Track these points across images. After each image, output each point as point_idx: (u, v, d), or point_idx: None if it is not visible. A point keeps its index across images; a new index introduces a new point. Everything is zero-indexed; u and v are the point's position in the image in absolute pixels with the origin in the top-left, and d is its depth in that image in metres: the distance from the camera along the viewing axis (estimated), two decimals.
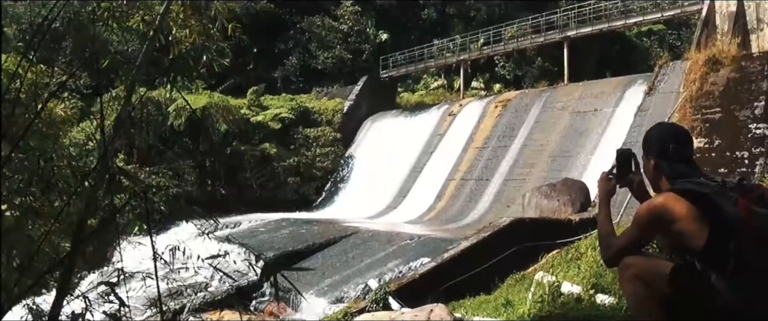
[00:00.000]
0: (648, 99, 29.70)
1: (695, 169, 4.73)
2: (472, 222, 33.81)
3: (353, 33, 63.93)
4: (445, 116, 47.09)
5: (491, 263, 19.72)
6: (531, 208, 26.34)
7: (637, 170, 5.21)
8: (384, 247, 27.56)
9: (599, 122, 34.84)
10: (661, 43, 64.09)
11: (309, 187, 49.28)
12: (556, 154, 35.59)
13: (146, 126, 41.52)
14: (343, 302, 22.06)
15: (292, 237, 32.18)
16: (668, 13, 43.49)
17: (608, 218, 5.14)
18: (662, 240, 4.88)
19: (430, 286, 19.10)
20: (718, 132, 25.63)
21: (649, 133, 4.98)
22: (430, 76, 67.38)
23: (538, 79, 53.98)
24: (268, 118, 48.78)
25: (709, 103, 26.59)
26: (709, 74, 27.29)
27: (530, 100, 41.88)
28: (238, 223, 37.39)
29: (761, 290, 4.05)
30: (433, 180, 41.73)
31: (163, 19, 6.44)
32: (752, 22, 30.59)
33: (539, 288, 12.75)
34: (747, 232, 4.06)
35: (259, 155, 47.35)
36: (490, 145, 40.73)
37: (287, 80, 63.86)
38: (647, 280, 4.55)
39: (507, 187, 36.26)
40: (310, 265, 27.45)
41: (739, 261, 4.07)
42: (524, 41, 50.34)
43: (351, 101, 53.23)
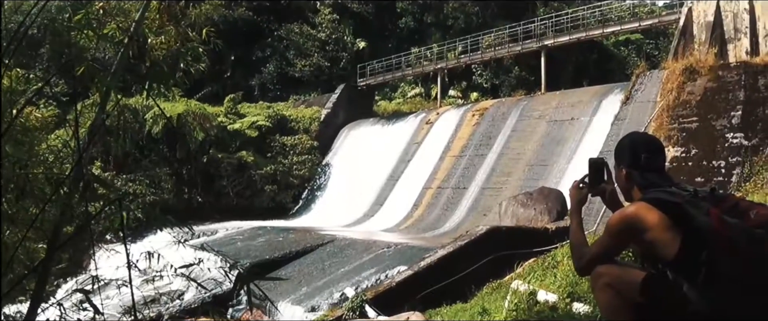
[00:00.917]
0: (625, 108, 29.78)
1: (667, 179, 4.72)
2: (449, 230, 33.84)
3: (331, 41, 63.91)
4: (422, 124, 47.13)
5: (468, 271, 19.78)
6: (507, 217, 26.38)
7: (609, 179, 5.20)
8: (360, 256, 27.54)
9: (576, 131, 34.91)
10: (638, 53, 64.45)
11: (286, 195, 49.19)
12: (532, 162, 35.65)
13: (123, 133, 41.38)
14: (319, 310, 22.06)
15: (269, 245, 32.14)
16: (646, 23, 43.73)
17: (580, 227, 5.13)
18: (634, 248, 4.90)
19: (407, 294, 19.15)
20: (694, 141, 25.75)
21: (621, 143, 4.99)
22: (408, 84, 67.49)
23: (515, 88, 54.15)
24: (245, 125, 48.70)
25: (686, 112, 26.70)
26: (686, 84, 27.40)
27: (507, 109, 41.92)
28: (215, 231, 37.33)
29: (733, 300, 4.05)
30: (410, 188, 41.74)
31: (138, 26, 6.42)
32: (730, 31, 30.74)
33: (515, 296, 12.78)
34: (719, 241, 4.07)
35: (235, 163, 47.27)
36: (467, 153, 40.77)
37: (264, 88, 63.77)
38: (619, 288, 4.56)
39: (484, 195, 36.30)
40: (287, 273, 27.43)
41: (711, 270, 4.08)
42: (501, 50, 50.35)
43: (328, 109, 53.20)
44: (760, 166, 23.19)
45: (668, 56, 32.50)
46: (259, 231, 36.47)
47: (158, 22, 8.05)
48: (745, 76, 26.08)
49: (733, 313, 4.07)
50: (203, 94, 53.81)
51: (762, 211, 4.24)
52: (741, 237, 4.05)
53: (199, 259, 6.62)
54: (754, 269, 4.04)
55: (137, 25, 6.50)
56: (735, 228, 4.08)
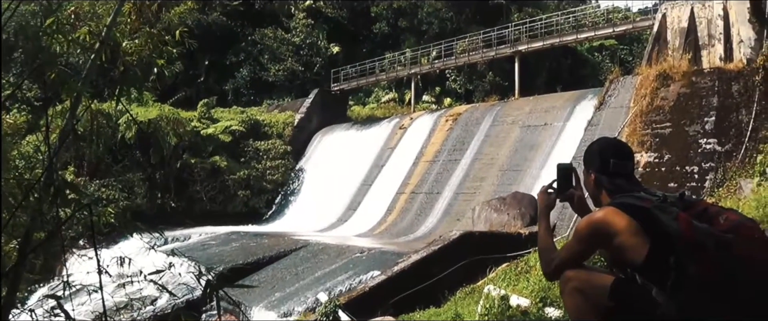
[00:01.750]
0: (598, 113, 29.86)
1: (636, 184, 4.73)
2: (423, 235, 33.82)
3: (305, 45, 63.87)
4: (396, 129, 47.10)
5: (441, 276, 19.80)
6: (481, 222, 26.43)
7: (577, 185, 5.21)
8: (334, 261, 27.52)
9: (549, 136, 34.98)
10: (612, 58, 64.63)
11: (259, 200, 49.07)
12: (506, 167, 35.70)
13: (96, 138, 41.21)
14: (292, 315, 22.05)
15: (242, 250, 32.07)
16: (620, 29, 43.93)
17: (548, 232, 5.12)
18: (603, 253, 4.90)
19: (380, 299, 19.15)
20: (668, 147, 25.85)
21: (590, 148, 4.99)
22: (381, 89, 67.47)
23: (488, 93, 54.27)
24: (219, 130, 48.56)
25: (660, 117, 26.80)
26: (660, 89, 27.50)
27: (481, 114, 41.98)
28: (188, 237, 37.21)
29: (701, 304, 4.06)
30: (383, 193, 41.71)
31: (110, 30, 6.39)
32: (703, 38, 30.86)
33: (488, 301, 12.80)
34: (687, 246, 4.07)
35: (209, 168, 47.13)
36: (440, 158, 40.79)
37: (238, 93, 63.66)
38: (588, 293, 4.56)
39: (457, 200, 36.31)
40: (260, 278, 27.42)
41: (680, 275, 4.08)
42: (475, 55, 50.47)
43: (302, 114, 53.11)
44: (734, 172, 23.29)
45: (642, 62, 32.61)
46: (232, 236, 36.39)
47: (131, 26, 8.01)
48: (719, 82, 26.21)
49: (701, 318, 4.08)
50: (177, 98, 53.63)
51: (731, 216, 4.26)
52: (710, 241, 4.06)
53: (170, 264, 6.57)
54: (723, 274, 4.05)
55: (109, 29, 6.46)
56: (704, 233, 4.09)
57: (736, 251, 4.07)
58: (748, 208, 15.16)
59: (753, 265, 4.09)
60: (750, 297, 4.09)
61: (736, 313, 4.08)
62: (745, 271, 4.07)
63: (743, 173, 22.70)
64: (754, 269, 4.09)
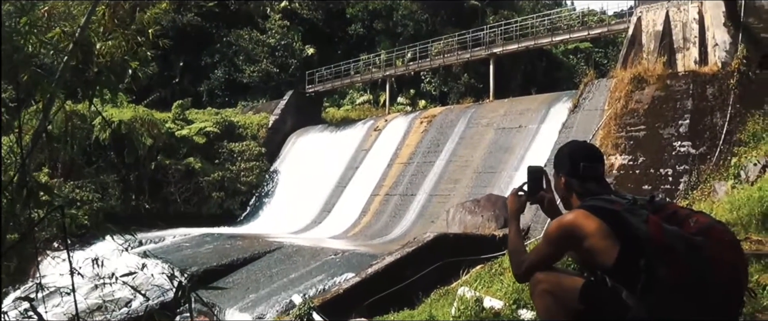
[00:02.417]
0: (572, 116, 29.93)
1: (606, 187, 4.75)
2: (397, 237, 33.83)
3: (280, 47, 63.78)
4: (371, 131, 47.13)
5: (415, 278, 19.77)
6: (455, 224, 26.43)
7: (548, 187, 5.22)
8: (308, 263, 27.48)
9: (524, 139, 35.05)
10: (587, 61, 64.69)
11: (233, 202, 48.99)
12: (480, 170, 35.74)
13: (71, 139, 41.03)
14: (266, 317, 22.00)
15: (216, 252, 31.99)
16: (595, 32, 44.08)
17: (518, 234, 5.14)
18: (574, 256, 4.92)
19: (354, 301, 19.13)
20: (642, 149, 25.94)
21: (561, 151, 5.00)
22: (356, 91, 67.56)
23: (463, 95, 54.39)
24: (193, 132, 48.45)
25: (634, 120, 26.88)
26: (635, 92, 27.60)
27: (455, 116, 42.05)
28: (162, 238, 37.05)
29: (671, 307, 4.08)
30: (357, 195, 41.72)
31: (83, 31, 6.36)
32: (678, 41, 30.95)
33: (462, 303, 12.81)
34: (657, 249, 4.08)
35: (183, 169, 47.04)
36: (415, 160, 40.82)
37: (213, 94, 63.55)
38: (558, 295, 4.57)
39: (431, 202, 36.35)
40: (234, 280, 27.36)
41: (650, 278, 4.09)
42: (450, 57, 50.55)
43: (276, 116, 53.06)
44: (708, 175, 23.40)
45: (617, 65, 32.68)
46: (206, 238, 36.28)
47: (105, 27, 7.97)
48: (694, 85, 26.31)
49: (671, 320, 4.10)
50: (151, 99, 53.52)
51: (701, 218, 4.28)
52: (679, 244, 4.08)
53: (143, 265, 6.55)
54: (693, 276, 4.07)
55: (83, 30, 6.43)
56: (673, 235, 4.11)
57: (706, 254, 4.09)
58: (722, 211, 15.23)
59: (722, 267, 4.12)
60: (719, 299, 4.12)
61: (705, 315, 4.11)
62: (715, 273, 4.10)
63: (717, 176, 22.82)
64: (723, 271, 4.12)
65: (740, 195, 16.88)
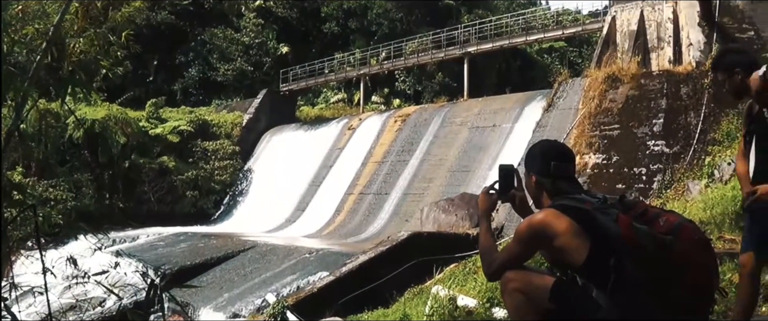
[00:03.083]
0: (547, 115, 29.96)
1: (577, 186, 4.76)
2: (371, 236, 33.82)
3: (254, 45, 63.70)
4: (345, 130, 47.10)
5: (389, 277, 19.78)
6: (429, 223, 26.47)
7: (519, 186, 5.22)
8: (282, 261, 27.45)
9: (498, 138, 35.09)
10: (561, 60, 64.89)
11: (207, 201, 48.88)
12: (454, 169, 35.77)
13: (44, 138, 40.88)
14: (241, 316, 21.99)
15: (191, 251, 31.93)
16: (569, 31, 44.13)
17: (489, 233, 5.13)
18: (544, 255, 4.93)
19: (329, 300, 19.13)
20: (616, 148, 26.00)
21: (532, 150, 5.02)
22: (331, 89, 67.43)
23: (438, 94, 54.49)
24: (167, 130, 48.31)
25: (608, 119, 26.95)
26: (609, 91, 27.66)
27: (429, 115, 42.06)
28: (136, 237, 36.96)
29: (641, 305, 4.10)
30: (332, 194, 41.69)
31: (57, 30, 6.33)
32: (653, 40, 31.02)
33: (435, 301, 12.82)
34: (627, 248, 4.11)
35: (157, 168, 46.90)
36: (389, 159, 40.82)
37: (187, 93, 63.40)
38: (529, 294, 4.58)
39: (405, 201, 36.36)
40: (208, 279, 27.32)
41: (620, 276, 4.11)
42: (425, 56, 50.54)
43: (250, 114, 52.93)
44: (681, 174, 23.47)
45: (591, 64, 32.72)
46: (180, 237, 36.21)
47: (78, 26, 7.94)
48: (668, 84, 26.38)
49: (641, 319, 4.12)
50: (125, 98, 53.19)
51: (671, 217, 4.31)
52: (649, 243, 4.10)
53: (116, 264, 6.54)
54: (663, 275, 4.09)
55: (56, 28, 6.42)
56: (644, 234, 4.13)
57: (676, 253, 4.12)
58: (695, 210, 15.31)
59: (692, 266, 4.15)
60: (689, 298, 4.15)
61: (675, 314, 4.13)
62: (685, 272, 4.12)
63: (691, 175, 22.90)
64: (693, 271, 4.15)
65: (714, 194, 16.98)
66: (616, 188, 24.36)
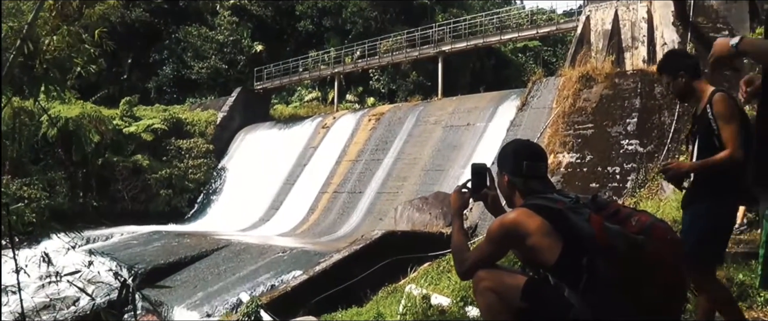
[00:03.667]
0: (521, 114, 30.02)
1: (549, 186, 4.79)
2: (345, 234, 33.80)
3: (229, 43, 63.55)
4: (319, 129, 47.07)
5: (363, 276, 19.80)
6: (403, 221, 26.47)
7: (491, 185, 5.24)
8: (256, 260, 27.42)
9: (472, 137, 35.14)
10: (536, 60, 65.14)
11: (181, 200, 48.75)
12: (428, 167, 35.80)
13: (18, 136, 40.69)
14: (214, 315, 21.96)
15: (164, 250, 31.82)
16: (544, 30, 44.19)
17: (461, 232, 5.16)
18: (517, 254, 4.94)
19: (302, 298, 19.14)
20: (590, 147, 26.07)
21: (504, 150, 5.03)
22: (305, 88, 67.43)
23: (412, 93, 54.60)
24: (141, 129, 48.15)
25: (582, 119, 27.02)
26: (583, 90, 27.74)
27: (404, 114, 42.10)
28: (110, 236, 36.80)
29: (613, 305, 4.11)
30: (306, 192, 41.67)
31: (31, 28, 6.32)
32: (627, 40, 31.12)
33: (409, 300, 12.84)
34: (599, 247, 4.12)
35: (131, 167, 46.71)
36: (363, 158, 40.83)
37: (161, 90, 63.37)
38: (501, 292, 4.59)
39: (380, 200, 36.37)
40: (182, 278, 27.27)
41: (592, 276, 4.12)
42: (399, 55, 50.54)
43: (224, 113, 52.80)
44: (655, 173, 23.51)
45: (565, 63, 32.80)
46: (154, 236, 36.09)
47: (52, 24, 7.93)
48: (642, 83, 26.47)
49: (613, 318, 4.14)
50: (99, 96, 53.11)
51: (643, 217, 4.32)
52: (621, 243, 4.12)
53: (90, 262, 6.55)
54: (634, 275, 4.11)
55: (30, 26, 6.41)
56: (615, 234, 4.14)
57: (648, 252, 4.13)
58: (669, 209, 15.38)
59: (664, 266, 4.16)
60: (661, 298, 4.16)
61: (647, 313, 4.15)
62: (656, 272, 4.14)
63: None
64: (665, 270, 4.16)
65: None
66: (590, 187, 24.43)
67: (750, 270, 9.44)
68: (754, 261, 5.69)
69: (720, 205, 6.29)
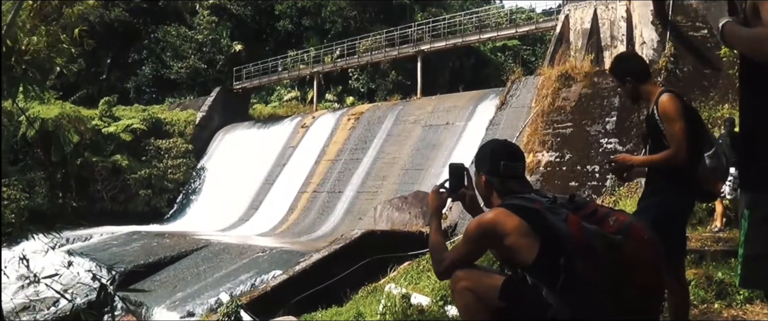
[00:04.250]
0: (500, 113, 30.07)
1: (527, 186, 4.78)
2: (325, 234, 33.84)
3: (208, 42, 63.40)
4: (298, 128, 47.08)
5: (343, 275, 19.82)
6: (383, 221, 26.48)
7: (469, 185, 5.23)
8: (235, 260, 27.41)
9: (451, 136, 35.18)
10: (515, 59, 65.19)
11: (160, 200, 48.70)
12: (407, 167, 35.84)
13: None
14: (194, 316, 21.93)
15: (144, 250, 31.80)
16: (523, 29, 44.22)
17: (439, 231, 5.14)
18: (494, 254, 4.94)
19: (282, 298, 19.14)
20: (569, 146, 26.11)
21: (482, 150, 5.02)
22: (284, 87, 67.34)
23: (391, 92, 54.57)
24: (120, 129, 48.05)
25: (561, 117, 27.06)
26: (562, 89, 27.77)
27: (383, 113, 42.13)
28: (89, 236, 36.76)
29: (591, 305, 4.11)
30: (285, 192, 41.68)
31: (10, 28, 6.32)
32: (606, 39, 31.14)
33: (389, 299, 12.86)
34: (577, 247, 4.11)
35: (110, 167, 46.64)
36: (342, 157, 40.84)
37: (140, 90, 63.27)
38: (479, 292, 4.57)
39: (359, 199, 36.40)
40: (162, 278, 27.24)
41: (569, 276, 4.11)
42: (378, 54, 50.52)
43: (203, 112, 52.72)
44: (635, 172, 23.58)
45: (544, 62, 32.84)
46: (133, 236, 36.06)
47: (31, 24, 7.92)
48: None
49: (590, 318, 4.15)
50: (78, 96, 53.06)
51: (620, 217, 4.32)
52: (599, 243, 4.12)
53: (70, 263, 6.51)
54: (612, 275, 4.12)
55: (9, 26, 6.40)
56: (593, 234, 4.14)
57: (625, 252, 4.13)
58: None
59: (642, 266, 4.17)
60: (639, 298, 4.17)
61: (625, 313, 4.16)
62: (634, 272, 4.14)
63: (644, 173, 23.01)
64: (643, 270, 4.17)
65: None
66: (570, 186, 24.47)
67: (730, 268, 9.50)
68: (734, 259, 5.71)
69: (670, 201, 6.37)
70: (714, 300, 8.81)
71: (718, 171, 6.29)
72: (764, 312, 8.27)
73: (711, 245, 12.35)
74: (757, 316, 8.30)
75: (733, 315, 8.41)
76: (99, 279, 7.93)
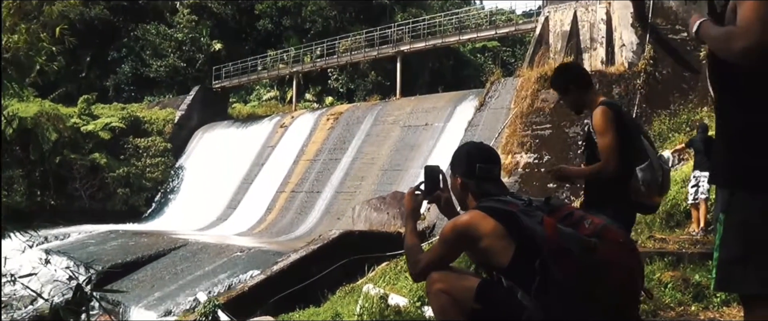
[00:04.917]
0: (479, 114, 30.13)
1: (502, 188, 4.78)
2: (303, 234, 33.85)
3: (188, 41, 63.26)
4: (277, 128, 47.07)
5: (321, 275, 19.83)
6: (361, 221, 26.48)
7: (445, 187, 5.23)
8: (213, 260, 27.38)
9: (430, 136, 35.22)
10: (494, 60, 65.11)
11: (139, 198, 48.60)
12: (386, 167, 35.87)
13: None
14: (172, 315, 21.91)
15: (122, 249, 31.73)
16: (503, 31, 44.18)
17: (414, 233, 5.16)
18: (470, 256, 4.94)
19: (260, 298, 19.14)
20: (547, 147, 26.20)
21: (458, 152, 5.02)
22: (263, 87, 67.27)
23: (370, 93, 54.54)
24: (99, 127, 47.92)
25: (540, 119, 27.14)
26: (541, 91, 27.84)
27: (362, 114, 42.15)
28: (67, 235, 36.63)
29: (566, 307, 4.12)
30: (263, 192, 41.66)
31: None
32: (585, 41, 31.21)
33: (367, 300, 12.88)
34: (552, 250, 4.11)
35: (88, 165, 46.50)
36: (321, 157, 40.85)
37: (119, 89, 63.07)
38: (454, 294, 4.57)
39: (337, 199, 36.41)
40: (139, 277, 27.20)
41: (545, 278, 4.11)
42: (358, 54, 50.49)
43: (182, 111, 52.69)
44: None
45: (524, 64, 32.91)
46: (111, 235, 35.96)
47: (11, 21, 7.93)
48: (600, 84, 26.54)
49: (567, 320, 4.16)
50: (57, 94, 52.89)
51: (596, 220, 4.33)
52: (574, 245, 4.13)
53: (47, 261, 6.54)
54: (587, 277, 4.13)
55: None
56: (568, 236, 4.15)
57: (600, 255, 4.14)
58: None
59: (617, 268, 4.19)
60: (614, 300, 4.20)
61: (600, 316, 4.18)
62: (610, 274, 4.16)
63: None
64: (618, 273, 4.19)
65: None
66: (548, 188, 24.52)
67: (706, 271, 9.54)
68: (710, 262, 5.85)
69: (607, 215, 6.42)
70: (691, 302, 8.86)
71: (651, 184, 6.30)
72: (741, 315, 8.31)
73: (688, 248, 12.40)
74: (733, 318, 8.35)
75: (709, 317, 8.46)
76: (76, 278, 7.95)
